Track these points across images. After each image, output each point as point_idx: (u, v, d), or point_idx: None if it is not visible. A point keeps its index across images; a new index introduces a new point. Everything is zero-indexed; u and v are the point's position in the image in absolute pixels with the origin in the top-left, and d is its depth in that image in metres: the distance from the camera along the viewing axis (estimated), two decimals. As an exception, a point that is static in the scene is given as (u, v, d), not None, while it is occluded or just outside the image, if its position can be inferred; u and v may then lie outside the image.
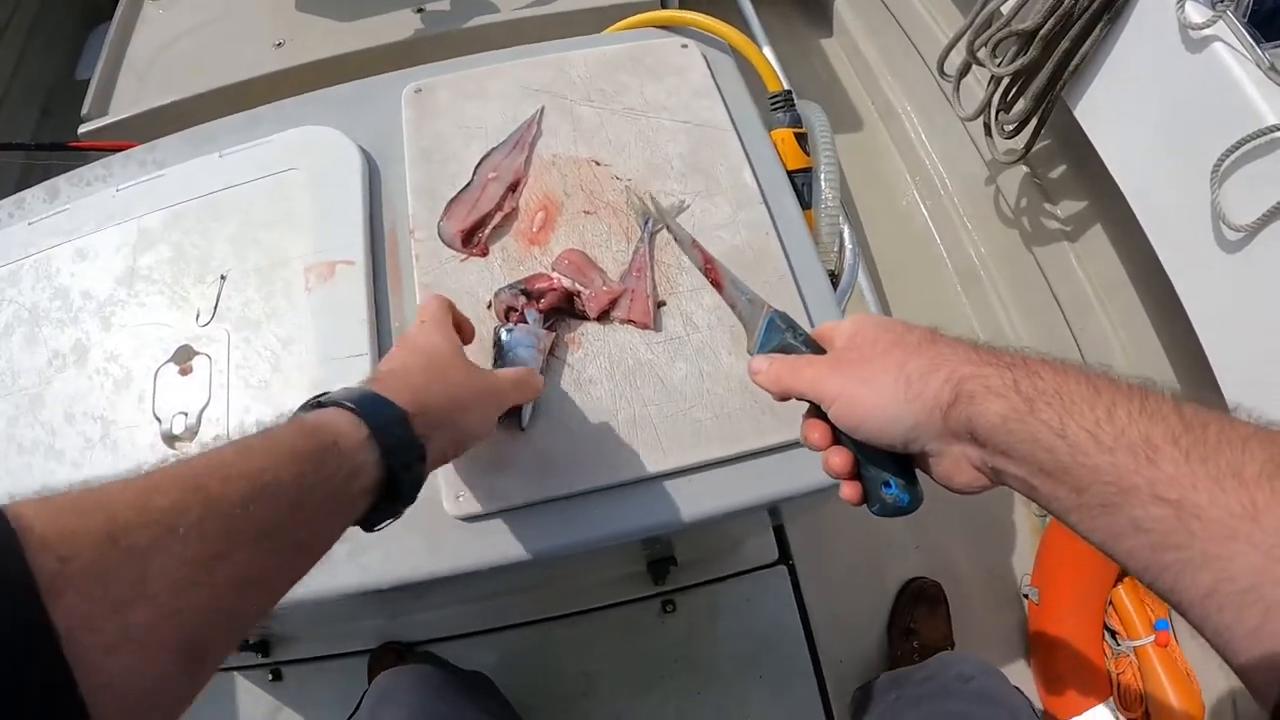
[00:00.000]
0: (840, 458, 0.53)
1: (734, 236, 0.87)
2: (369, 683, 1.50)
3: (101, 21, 1.83)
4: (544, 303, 0.79)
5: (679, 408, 0.78)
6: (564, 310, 0.83)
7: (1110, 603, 1.58)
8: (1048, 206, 1.80)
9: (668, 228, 0.73)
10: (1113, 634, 1.56)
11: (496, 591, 1.34)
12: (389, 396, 0.53)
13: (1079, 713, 1.49)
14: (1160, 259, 1.30)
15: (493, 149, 0.93)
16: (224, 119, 1.06)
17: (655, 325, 0.82)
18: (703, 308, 0.84)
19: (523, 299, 0.79)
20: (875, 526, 1.67)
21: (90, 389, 0.85)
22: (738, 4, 1.72)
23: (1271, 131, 1.06)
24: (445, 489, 0.76)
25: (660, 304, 0.83)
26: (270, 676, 1.57)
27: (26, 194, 1.04)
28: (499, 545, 0.76)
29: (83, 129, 1.58)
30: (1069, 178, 1.75)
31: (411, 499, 0.54)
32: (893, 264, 2.08)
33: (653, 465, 0.76)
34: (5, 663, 0.29)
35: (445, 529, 0.76)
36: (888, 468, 0.52)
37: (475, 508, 0.75)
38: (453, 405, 0.59)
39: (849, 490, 0.54)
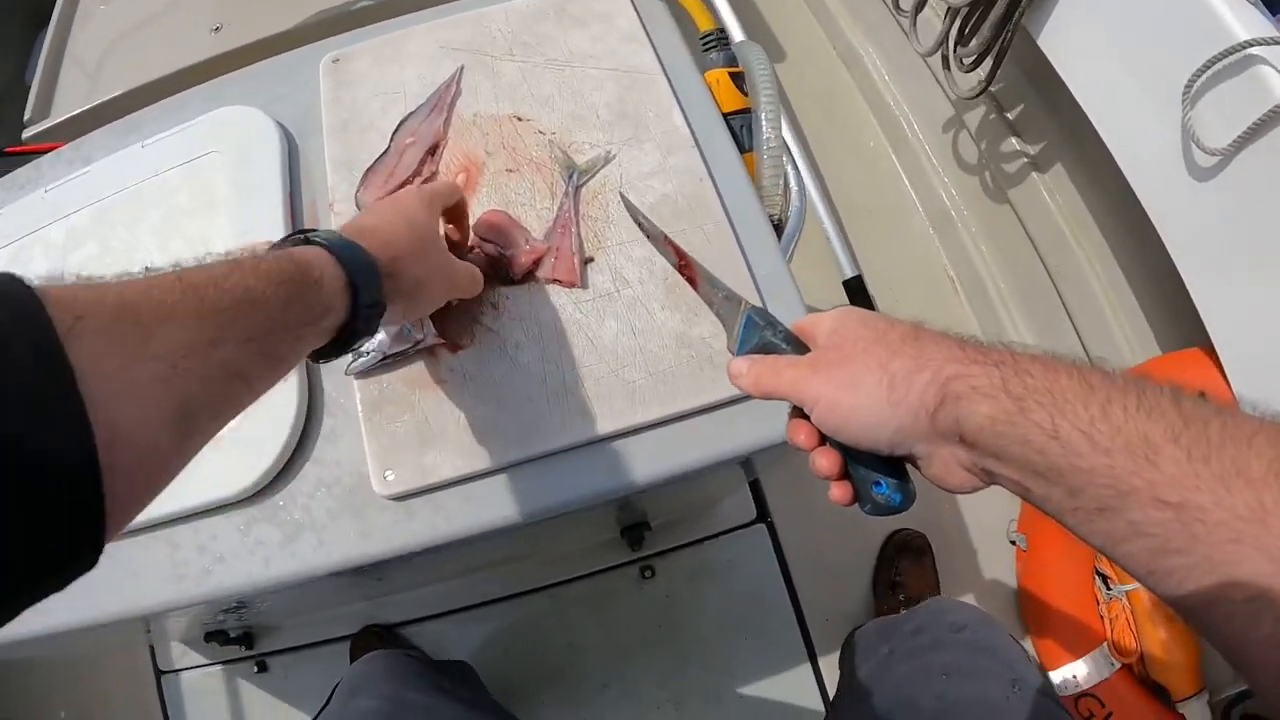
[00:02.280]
0: (827, 459, 0.52)
1: (664, 184, 0.83)
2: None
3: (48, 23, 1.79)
4: None
5: (610, 368, 0.75)
6: (488, 274, 0.79)
7: (1099, 542, 1.55)
8: (1017, 141, 1.76)
9: (639, 224, 0.69)
10: (1103, 579, 1.53)
11: (464, 568, 1.32)
12: (372, 252, 0.56)
13: (1073, 659, 1.47)
14: (1133, 188, 1.26)
15: (410, 113, 0.88)
16: (148, 108, 1.03)
17: (583, 283, 0.78)
18: (632, 261, 0.80)
19: None
20: None
21: None
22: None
23: (1243, 49, 1.01)
24: (373, 468, 0.73)
25: (588, 260, 0.79)
26: (256, 669, 1.57)
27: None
28: (432, 524, 0.73)
29: (26, 133, 1.54)
30: (1037, 110, 1.70)
31: (355, 346, 0.57)
32: (861, 210, 2.03)
33: (585, 431, 0.73)
34: (30, 386, 0.32)
35: (376, 510, 0.74)
36: (877, 468, 0.50)
37: (405, 486, 0.73)
38: (419, 282, 0.62)
39: (838, 491, 0.52)
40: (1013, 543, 1.60)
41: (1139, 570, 0.37)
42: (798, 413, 0.53)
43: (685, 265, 0.67)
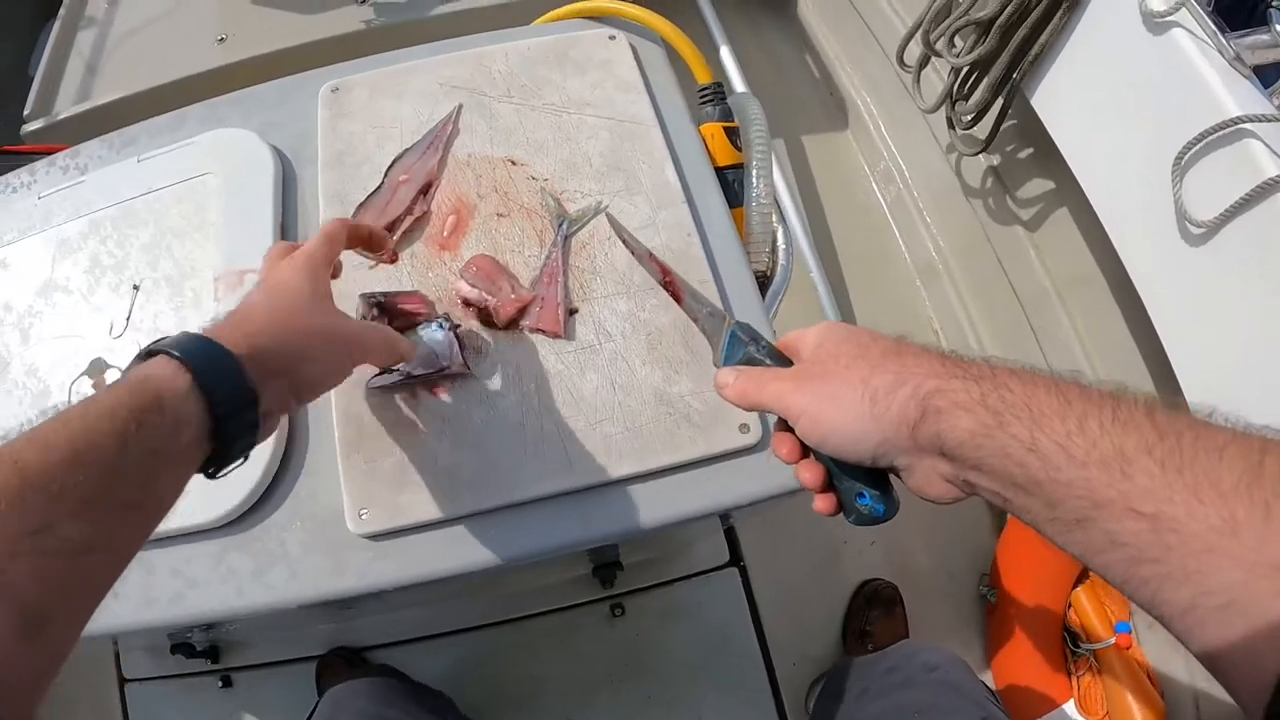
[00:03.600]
0: (811, 472, 0.53)
1: (653, 238, 0.84)
2: (317, 687, 1.49)
3: (53, 18, 1.79)
4: (395, 324, 0.76)
5: (589, 421, 0.75)
6: (477, 317, 0.80)
7: (1070, 604, 1.56)
8: (1008, 200, 1.78)
9: (624, 241, 0.71)
10: (1072, 636, 1.54)
11: (437, 597, 1.31)
12: (224, 341, 0.50)
13: (1040, 714, 1.48)
14: (1119, 253, 1.28)
15: (405, 150, 0.89)
16: (147, 121, 1.03)
17: (566, 334, 0.79)
18: (617, 314, 0.80)
19: (374, 310, 0.76)
20: (830, 525, 1.65)
21: (9, 404, 0.84)
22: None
23: (1235, 124, 1.03)
24: (349, 506, 0.73)
25: (572, 311, 0.80)
26: (220, 683, 1.55)
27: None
28: (404, 564, 0.73)
29: (25, 129, 1.55)
30: (1029, 171, 1.72)
31: (248, 445, 0.52)
32: (850, 259, 2.05)
33: (560, 482, 0.74)
34: None
35: (349, 548, 0.74)
36: (861, 479, 0.51)
37: (379, 525, 0.73)
38: (293, 350, 0.55)
39: (822, 503, 0.53)
40: (983, 596, 1.61)
41: (1116, 579, 0.37)
42: (782, 425, 0.54)
43: (670, 281, 0.68)
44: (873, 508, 0.51)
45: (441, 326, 0.76)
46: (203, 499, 0.75)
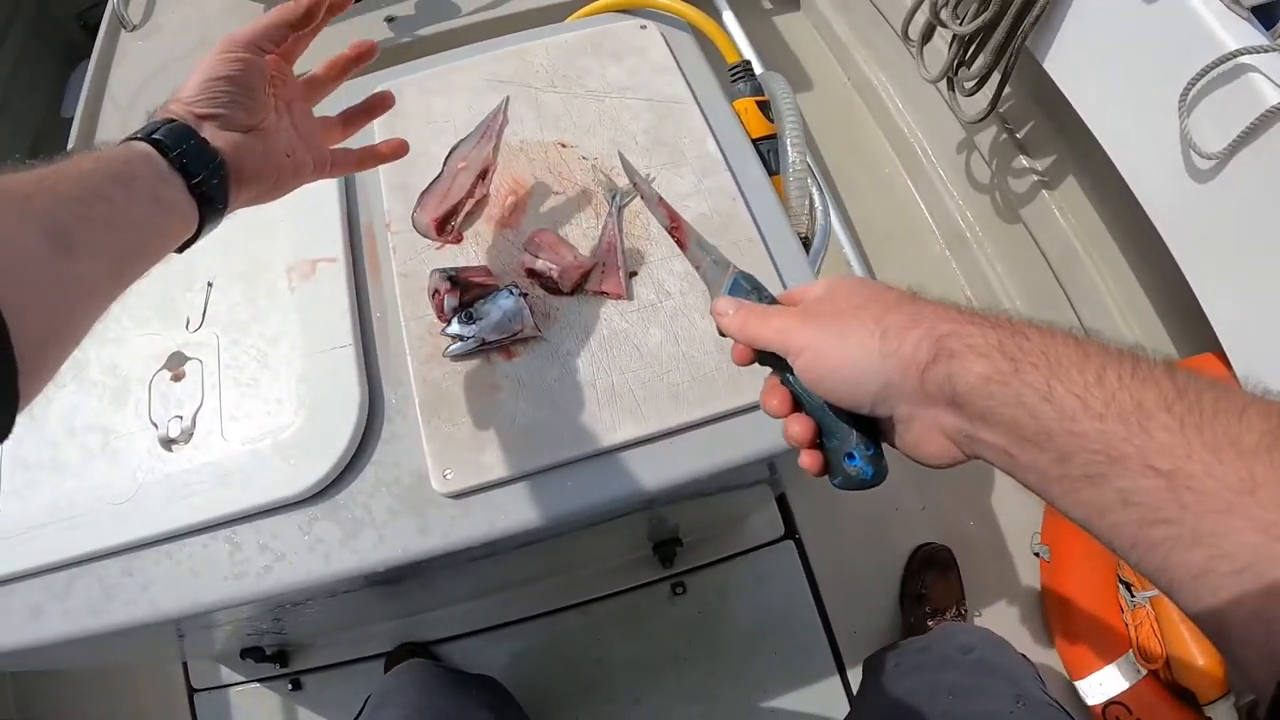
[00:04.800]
0: (800, 425, 0.51)
1: (701, 204, 0.89)
2: (386, 684, 1.53)
3: (83, 59, 1.85)
4: (466, 295, 0.81)
5: (655, 373, 0.80)
6: (542, 286, 0.85)
7: (1121, 555, 1.57)
8: (1026, 161, 1.81)
9: (634, 185, 0.72)
10: (1127, 586, 1.55)
11: (503, 581, 1.35)
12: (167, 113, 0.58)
13: (1099, 668, 1.49)
14: (1137, 197, 1.31)
15: (461, 140, 0.94)
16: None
17: (628, 295, 0.84)
18: (674, 275, 0.85)
19: (447, 284, 0.80)
20: (881, 492, 1.65)
21: (88, 402, 0.87)
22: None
23: (1233, 57, 1.07)
24: (433, 467, 0.77)
25: (632, 274, 0.85)
26: (290, 686, 1.58)
27: None
28: (489, 519, 0.77)
29: None
30: (1045, 130, 1.76)
31: (216, 172, 0.58)
32: (879, 234, 2.08)
33: (634, 431, 0.77)
34: None
35: (435, 507, 0.78)
36: (851, 438, 0.49)
37: (463, 484, 0.77)
38: (204, 86, 0.60)
39: (808, 459, 0.51)
40: (1036, 554, 1.62)
41: (1124, 543, 0.36)
42: (774, 375, 0.53)
43: (676, 228, 0.68)
44: (861, 470, 0.49)
45: (511, 293, 0.80)
46: (288, 473, 0.79)
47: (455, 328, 0.80)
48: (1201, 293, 1.22)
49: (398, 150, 0.78)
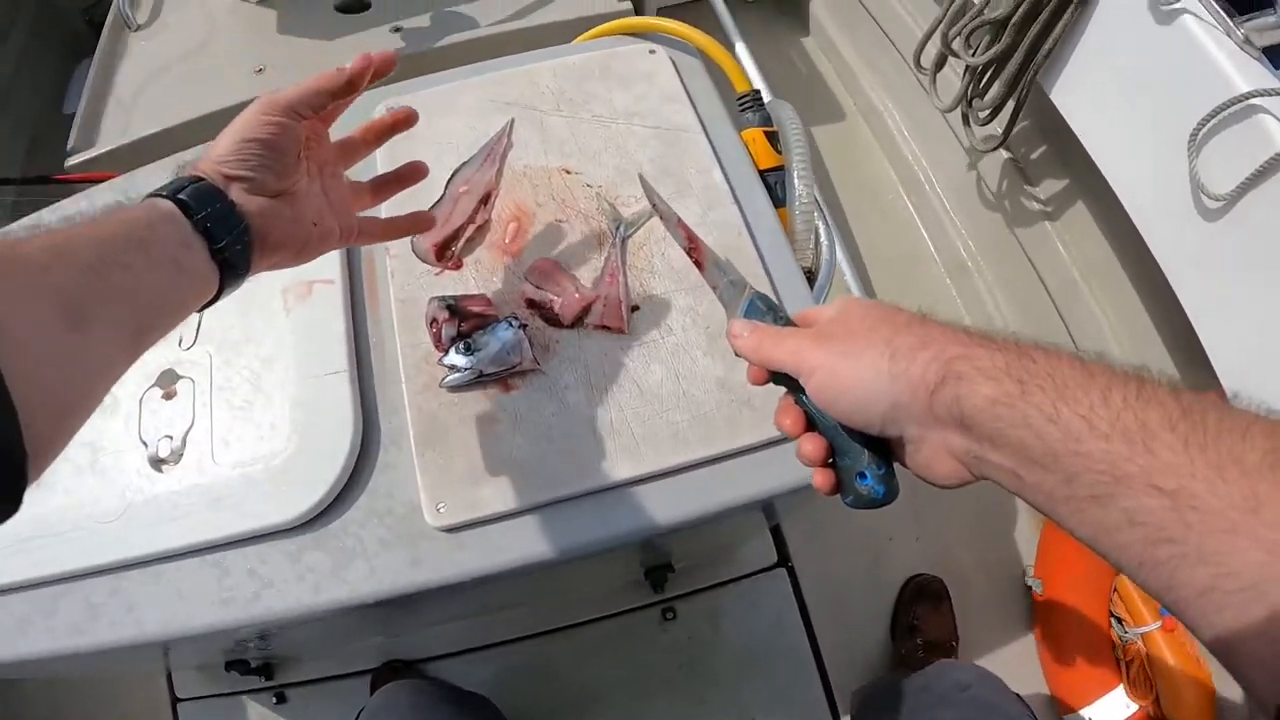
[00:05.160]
0: (813, 444, 0.51)
1: (706, 237, 0.86)
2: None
3: (86, 56, 1.84)
4: (464, 325, 0.80)
5: (655, 410, 0.78)
6: (542, 317, 0.84)
7: (1115, 590, 1.57)
8: (1030, 193, 1.81)
9: (654, 205, 0.72)
10: (1119, 621, 1.55)
11: (493, 606, 1.33)
12: (196, 171, 0.58)
13: (1089, 702, 1.48)
14: (1142, 235, 1.30)
15: (464, 163, 0.93)
16: (198, 146, 1.06)
17: (629, 329, 0.82)
18: (677, 310, 0.84)
19: (445, 313, 0.80)
20: (874, 522, 1.67)
21: None
22: (713, 8, 1.74)
23: (1245, 99, 1.06)
24: (426, 500, 0.76)
25: (634, 308, 0.83)
26: (275, 700, 1.57)
27: (11, 228, 1.04)
28: (482, 555, 0.76)
29: (69, 162, 1.59)
30: (1050, 162, 1.75)
31: (238, 233, 0.57)
32: (881, 260, 2.08)
33: (631, 470, 0.76)
34: None
35: (428, 540, 0.77)
36: (863, 457, 0.49)
37: (456, 518, 0.75)
38: (237, 147, 0.59)
39: (820, 478, 0.52)
40: (1029, 587, 1.62)
41: (1131, 561, 0.36)
42: (789, 397, 0.54)
43: (694, 248, 0.68)
44: (873, 489, 0.49)
45: (510, 325, 0.79)
46: (280, 500, 0.78)
47: (453, 358, 0.79)
48: (1204, 333, 1.21)
49: (420, 224, 0.78)
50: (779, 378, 0.54)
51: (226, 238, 0.55)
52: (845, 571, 1.65)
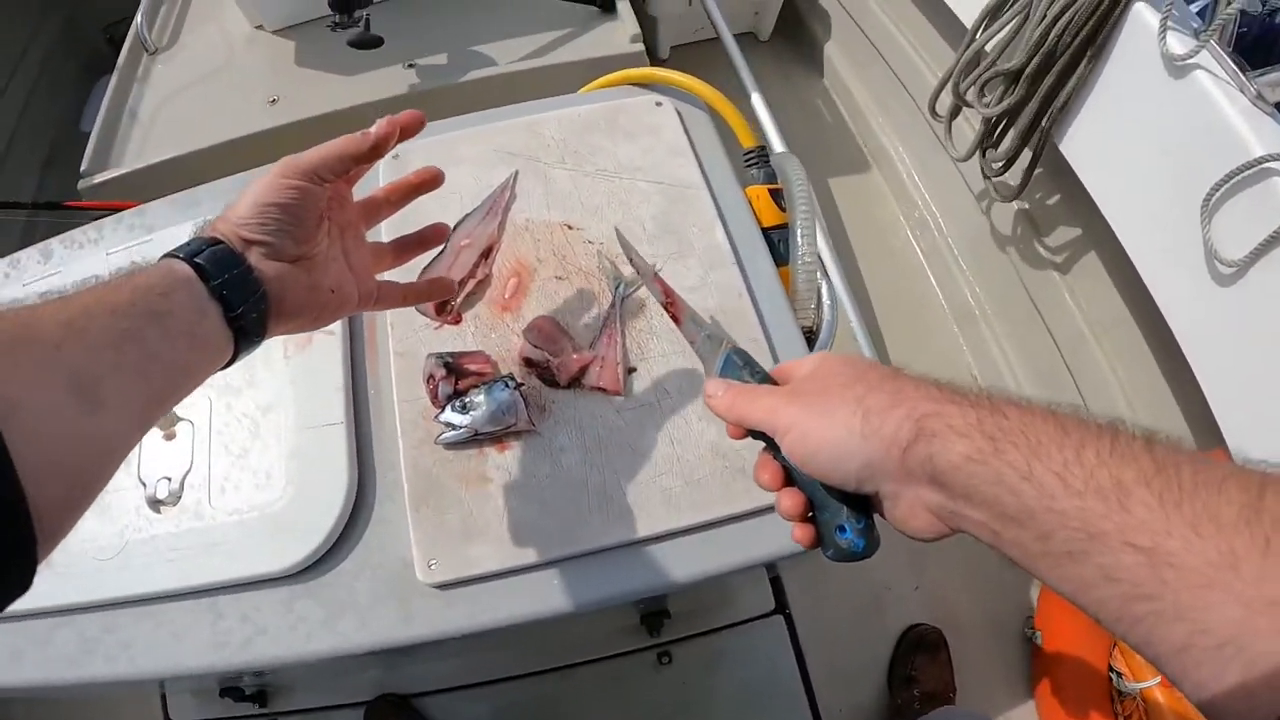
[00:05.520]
0: (791, 499, 0.52)
1: (707, 299, 0.88)
2: (364, 734, 1.51)
3: (105, 73, 1.87)
4: (461, 383, 0.80)
5: (649, 475, 0.78)
6: (538, 377, 0.84)
7: (1115, 643, 1.55)
8: (1040, 244, 1.80)
9: (630, 260, 0.72)
10: (1118, 675, 1.53)
11: (491, 645, 1.33)
12: (213, 233, 0.57)
13: (1088, 757, 1.47)
14: (1152, 295, 1.29)
15: (466, 215, 0.93)
16: (209, 184, 1.08)
17: (625, 392, 0.82)
18: (674, 372, 0.84)
19: (442, 370, 0.80)
20: (873, 570, 1.66)
21: None
22: (726, 53, 1.75)
23: (1261, 163, 1.06)
24: (418, 556, 0.76)
25: (631, 370, 0.84)
26: (268, 728, 1.56)
27: (21, 254, 1.07)
28: (471, 612, 0.76)
29: (81, 184, 1.62)
30: (1061, 213, 1.75)
31: (255, 300, 0.56)
32: (888, 305, 2.08)
33: (623, 534, 0.76)
34: None
35: (418, 596, 0.77)
36: (842, 512, 0.49)
37: (447, 575, 0.76)
38: (258, 212, 0.58)
39: (800, 533, 0.52)
40: (1029, 638, 1.60)
41: (1109, 617, 0.36)
42: (768, 451, 0.54)
43: (671, 303, 0.68)
44: (852, 542, 0.49)
45: (506, 386, 0.80)
46: (274, 548, 0.78)
47: (448, 416, 0.79)
48: (1211, 395, 1.20)
49: (438, 291, 0.78)
50: (757, 433, 0.54)
51: (243, 305, 0.54)
52: (843, 620, 1.64)
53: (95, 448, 0.43)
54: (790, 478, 0.52)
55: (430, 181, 0.72)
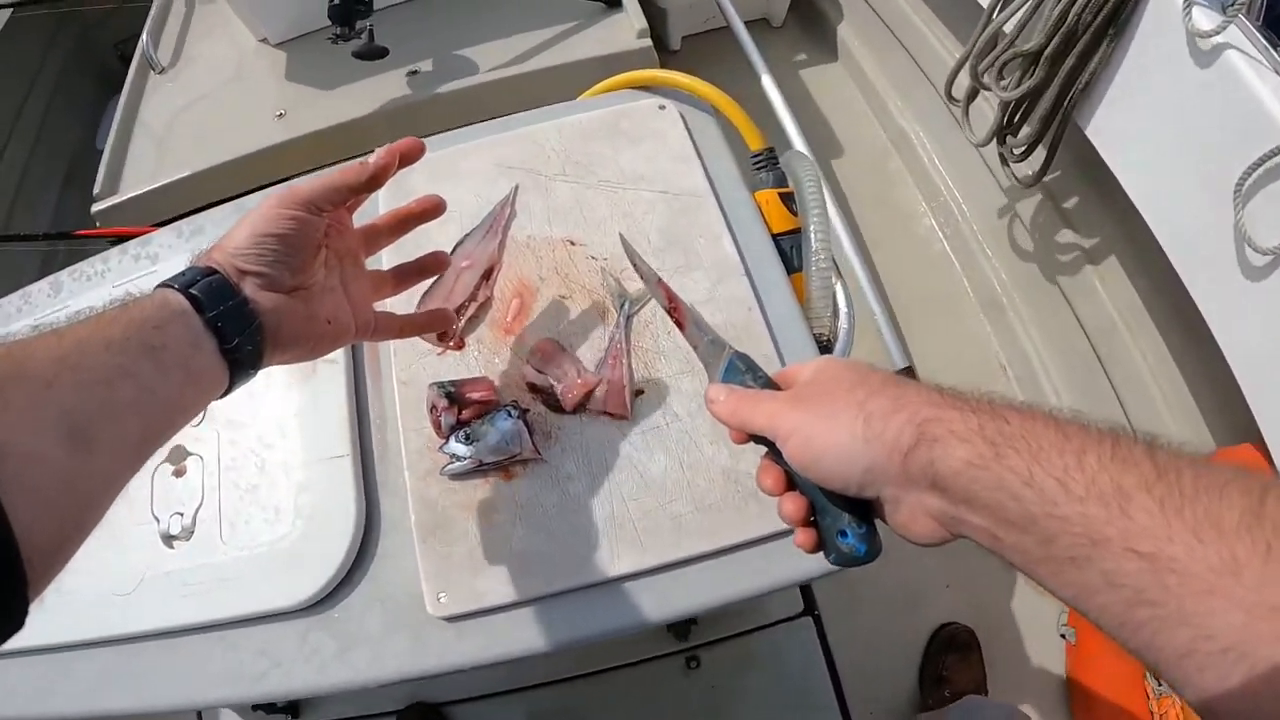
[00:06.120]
0: (793, 504, 0.52)
1: (715, 314, 0.85)
2: (397, 743, 1.53)
3: (119, 89, 1.89)
4: (464, 413, 0.79)
5: (658, 502, 0.76)
6: (543, 402, 0.82)
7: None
8: (1067, 230, 1.77)
9: (634, 265, 0.71)
10: (1154, 674, 1.50)
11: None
12: (207, 262, 0.57)
13: (1125, 757, 1.44)
14: (1184, 282, 1.26)
15: (466, 235, 0.92)
16: (211, 210, 1.08)
17: (632, 415, 0.80)
18: (682, 394, 0.81)
19: (444, 400, 0.79)
20: (903, 570, 1.64)
21: None
22: (737, 36, 1.72)
23: None
24: (427, 590, 0.76)
25: (638, 392, 0.81)
26: (302, 738, 1.58)
27: (32, 288, 1.08)
28: (482, 645, 0.75)
29: (95, 207, 1.64)
30: (1087, 199, 1.71)
31: (250, 330, 0.55)
32: (913, 294, 2.05)
33: (634, 563, 0.75)
34: None
35: (429, 628, 0.76)
36: (843, 517, 0.50)
37: (457, 608, 0.75)
38: (254, 242, 0.58)
39: (802, 537, 0.52)
40: (1062, 636, 1.58)
41: (1111, 624, 0.36)
42: (770, 456, 0.54)
43: (674, 308, 0.68)
44: (854, 547, 0.49)
45: (510, 414, 0.78)
46: (287, 582, 0.78)
47: (453, 447, 0.78)
48: (1246, 384, 1.17)
49: (438, 323, 0.78)
50: (759, 438, 0.54)
51: (238, 336, 0.54)
52: (873, 621, 1.62)
53: (86, 487, 0.43)
54: (792, 482, 0.53)
55: (431, 210, 0.73)
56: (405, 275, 0.75)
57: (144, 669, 0.79)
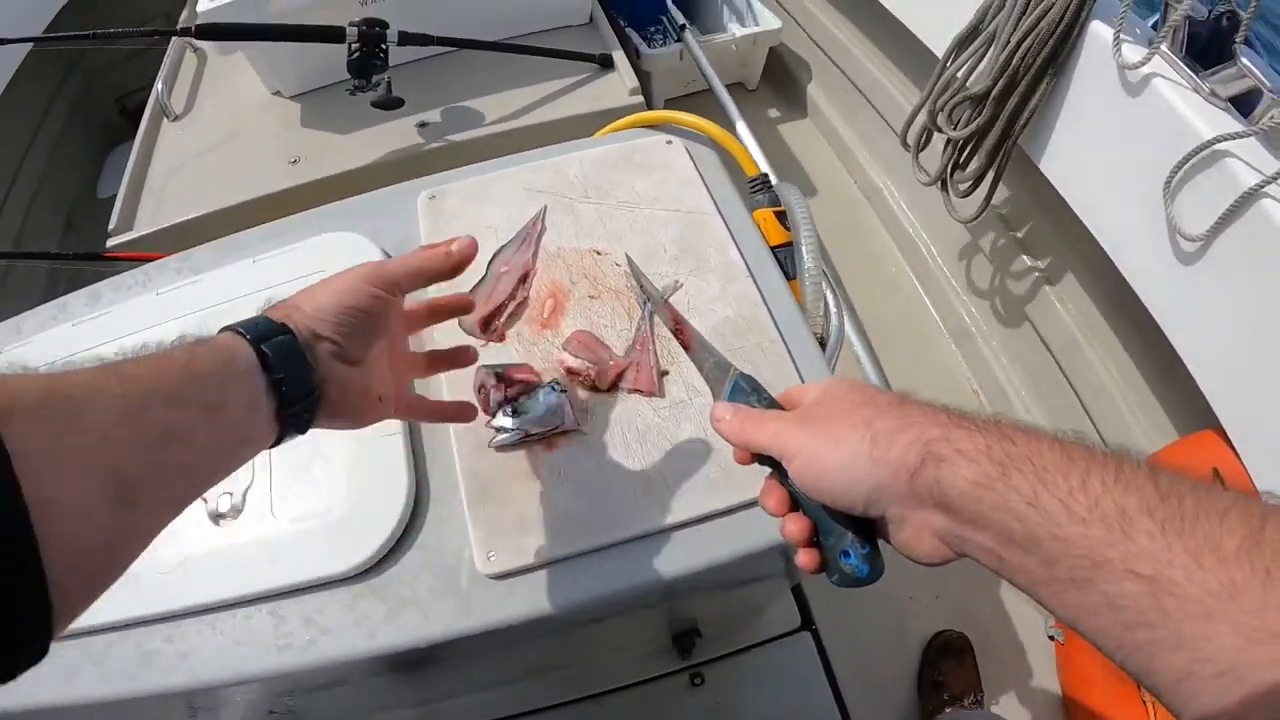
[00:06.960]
0: (797, 524, 0.52)
1: (725, 309, 0.96)
2: (404, 772, 1.52)
3: (120, 143, 1.95)
4: (510, 390, 0.87)
5: (688, 464, 0.85)
6: (580, 384, 0.91)
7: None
8: (1025, 256, 1.91)
9: (641, 288, 0.77)
10: (1152, 695, 1.54)
11: (529, 664, 1.37)
12: (277, 318, 0.57)
13: (1117, 756, 1.49)
14: (1129, 282, 1.38)
15: (503, 246, 1.02)
16: (252, 229, 1.15)
17: (660, 392, 0.90)
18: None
19: (493, 380, 0.87)
20: (895, 581, 1.68)
21: None
22: (718, 102, 1.86)
23: (1211, 145, 1.16)
24: (477, 549, 0.82)
25: (664, 373, 0.91)
26: (305, 771, 1.57)
27: (68, 298, 1.12)
28: (530, 600, 0.81)
29: (110, 243, 1.68)
30: (1043, 227, 1.86)
31: (309, 391, 0.55)
32: (888, 332, 2.17)
33: (667, 518, 0.82)
34: None
35: (478, 588, 0.82)
36: (846, 537, 0.50)
37: (506, 565, 0.81)
38: (331, 310, 0.58)
39: (806, 558, 0.53)
40: (1051, 638, 1.65)
41: (1110, 644, 0.37)
42: (773, 476, 0.55)
43: (680, 330, 0.72)
44: (857, 568, 0.50)
45: (554, 389, 0.87)
46: (335, 551, 0.83)
47: (500, 420, 0.86)
48: (1198, 371, 1.28)
49: (460, 415, 0.80)
50: (763, 458, 0.55)
51: (297, 404, 0.54)
52: (869, 632, 1.69)
53: (124, 546, 0.42)
54: (795, 504, 0.53)
55: (463, 307, 0.79)
56: (436, 360, 0.78)
57: (186, 646, 0.80)
